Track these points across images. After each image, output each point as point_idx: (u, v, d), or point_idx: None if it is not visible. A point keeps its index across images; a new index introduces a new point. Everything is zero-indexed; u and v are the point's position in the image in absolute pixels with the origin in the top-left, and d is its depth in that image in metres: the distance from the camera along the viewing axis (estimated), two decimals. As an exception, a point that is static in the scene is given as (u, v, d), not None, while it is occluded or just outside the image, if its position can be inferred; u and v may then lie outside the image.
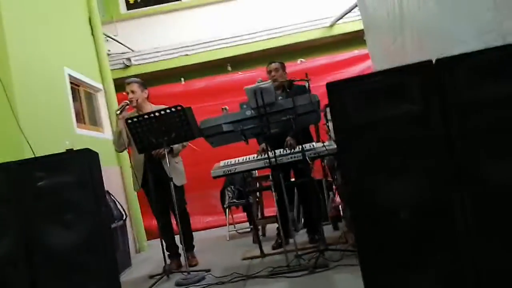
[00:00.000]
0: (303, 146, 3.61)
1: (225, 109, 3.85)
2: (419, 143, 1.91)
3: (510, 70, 1.83)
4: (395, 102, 1.92)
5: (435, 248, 1.87)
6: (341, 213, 4.68)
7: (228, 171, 3.89)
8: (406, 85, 1.90)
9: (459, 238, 1.84)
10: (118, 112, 3.97)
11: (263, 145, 3.94)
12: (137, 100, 4.11)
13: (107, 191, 4.80)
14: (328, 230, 4.68)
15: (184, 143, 4.14)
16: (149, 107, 4.15)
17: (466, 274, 1.83)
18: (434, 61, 1.88)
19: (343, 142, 1.99)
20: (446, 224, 1.86)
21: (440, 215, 1.87)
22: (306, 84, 4.29)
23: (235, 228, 6.30)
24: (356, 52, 7.38)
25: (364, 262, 1.95)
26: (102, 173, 3.34)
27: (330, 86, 2.02)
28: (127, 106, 4.06)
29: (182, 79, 7.57)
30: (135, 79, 4.31)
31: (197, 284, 3.35)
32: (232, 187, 6.06)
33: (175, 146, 4.07)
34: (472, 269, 1.83)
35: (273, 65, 4.30)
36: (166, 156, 3.65)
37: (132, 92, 4.13)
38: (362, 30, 5.38)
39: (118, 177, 6.03)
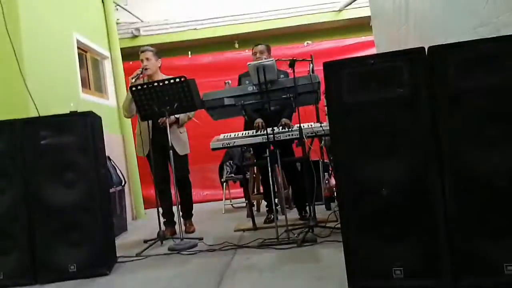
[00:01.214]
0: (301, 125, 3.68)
1: (228, 83, 3.91)
2: (406, 127, 2.00)
3: (499, 62, 1.90)
4: (386, 86, 2.01)
5: (414, 227, 1.98)
6: (335, 194, 4.79)
7: (227, 144, 3.97)
8: (398, 70, 1.98)
9: (437, 219, 1.94)
10: (133, 80, 4.05)
11: (259, 121, 4.00)
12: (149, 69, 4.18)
13: (108, 157, 4.92)
14: (321, 210, 4.81)
15: (190, 115, 4.23)
16: (161, 77, 4.18)
17: (441, 253, 1.94)
18: (426, 49, 1.95)
19: (334, 119, 2.08)
20: (426, 205, 1.96)
21: (420, 196, 1.97)
22: (310, 66, 4.34)
23: (231, 202, 6.44)
24: (363, 38, 7.40)
25: (346, 234, 2.06)
26: (105, 139, 3.44)
27: (327, 65, 2.11)
28: (141, 74, 4.15)
29: (189, 52, 7.62)
30: (150, 47, 4.40)
31: (189, 250, 3.48)
32: (231, 162, 6.18)
33: (181, 117, 4.16)
34: (447, 249, 1.93)
35: (259, 47, 4.32)
36: (167, 125, 3.74)
37: (147, 59, 4.21)
38: (370, 16, 5.41)
39: (120, 145, 6.15)
